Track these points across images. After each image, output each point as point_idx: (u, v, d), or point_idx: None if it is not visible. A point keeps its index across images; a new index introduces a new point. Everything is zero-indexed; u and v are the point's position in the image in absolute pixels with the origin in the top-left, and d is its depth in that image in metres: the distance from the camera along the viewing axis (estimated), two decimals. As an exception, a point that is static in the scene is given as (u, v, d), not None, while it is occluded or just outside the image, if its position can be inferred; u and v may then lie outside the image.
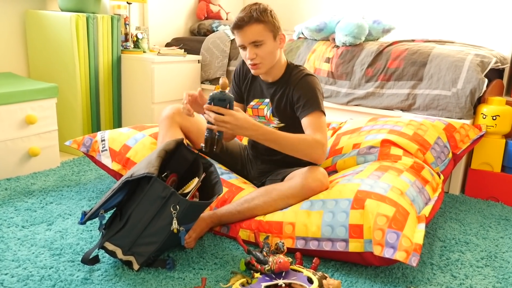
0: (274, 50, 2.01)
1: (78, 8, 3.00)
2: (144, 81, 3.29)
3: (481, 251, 2.01)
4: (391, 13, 4.15)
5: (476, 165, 2.66)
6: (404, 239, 1.64)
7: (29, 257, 1.74)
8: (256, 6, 1.96)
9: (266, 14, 1.96)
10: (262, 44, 1.96)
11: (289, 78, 2.07)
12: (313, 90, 2.01)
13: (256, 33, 1.94)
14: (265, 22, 1.95)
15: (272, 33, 1.98)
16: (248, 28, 1.94)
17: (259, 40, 1.95)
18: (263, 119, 2.16)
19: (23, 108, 2.57)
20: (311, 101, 1.99)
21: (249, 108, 2.21)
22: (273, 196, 1.93)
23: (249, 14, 1.93)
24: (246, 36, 1.96)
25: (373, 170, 2.04)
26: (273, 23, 1.98)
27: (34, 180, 2.55)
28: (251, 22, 1.94)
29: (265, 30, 1.96)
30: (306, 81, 2.03)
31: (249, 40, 1.96)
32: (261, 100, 2.17)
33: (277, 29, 1.99)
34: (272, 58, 2.02)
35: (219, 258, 1.81)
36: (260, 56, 1.98)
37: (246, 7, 1.97)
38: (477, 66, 2.64)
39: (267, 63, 2.02)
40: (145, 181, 1.69)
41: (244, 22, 1.94)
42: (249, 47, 1.97)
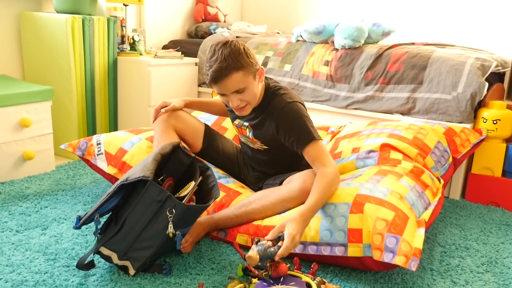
0: (256, 88, 1.94)
1: (74, 10, 3.01)
2: (140, 84, 3.29)
3: (481, 256, 2.01)
4: (391, 15, 4.17)
5: (476, 169, 2.67)
6: (404, 244, 1.65)
7: (23, 262, 1.75)
8: (229, 50, 1.82)
9: (242, 57, 1.83)
10: (245, 90, 1.88)
11: (269, 106, 2.00)
12: (300, 121, 1.93)
13: (236, 82, 1.85)
14: (243, 67, 1.84)
15: (252, 75, 1.89)
16: (228, 80, 1.83)
17: (241, 88, 1.87)
18: (248, 139, 2.16)
19: (17, 111, 2.58)
20: (303, 133, 1.92)
21: (234, 125, 2.21)
22: (271, 200, 1.94)
23: (224, 64, 1.81)
24: (226, 87, 1.86)
25: (373, 174, 2.05)
26: (251, 63, 1.86)
27: (28, 184, 2.55)
28: (229, 73, 1.82)
29: (245, 76, 1.86)
30: (290, 112, 1.95)
31: (230, 90, 1.87)
32: (241, 121, 2.13)
33: (255, 68, 1.89)
34: (256, 96, 1.95)
35: (216, 263, 1.82)
36: (244, 101, 1.92)
37: (217, 52, 1.83)
38: (477, 70, 2.65)
39: (253, 103, 1.96)
40: (141, 184, 1.70)
41: (221, 75, 1.82)
42: (232, 95, 1.90)
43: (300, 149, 1.93)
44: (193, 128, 2.28)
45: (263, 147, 2.12)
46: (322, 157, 1.89)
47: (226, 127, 2.73)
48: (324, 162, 1.87)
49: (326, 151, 1.92)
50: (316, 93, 3.13)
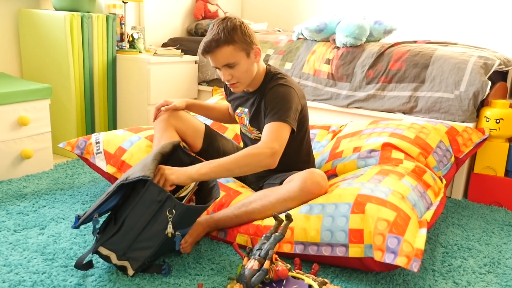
0: (250, 67, 1.98)
1: (73, 7, 3.00)
2: (140, 82, 3.29)
3: (484, 257, 2.01)
4: (393, 13, 4.16)
5: (479, 169, 2.67)
6: (405, 244, 1.65)
7: (21, 262, 1.75)
8: (224, 25, 1.90)
9: (236, 33, 1.91)
10: (236, 65, 1.94)
11: (265, 88, 2.06)
12: (281, 100, 1.95)
13: (227, 55, 1.91)
14: (235, 42, 1.91)
15: (245, 51, 1.94)
16: (218, 52, 1.91)
17: (231, 62, 1.93)
18: (246, 128, 2.19)
19: (15, 109, 2.57)
20: (280, 111, 1.93)
21: (236, 115, 2.25)
22: (271, 200, 1.94)
23: (216, 37, 1.88)
24: (217, 59, 1.93)
25: (374, 174, 2.05)
26: (244, 40, 1.93)
27: (26, 183, 2.55)
28: (219, 45, 1.89)
29: (236, 51, 1.92)
30: (276, 90, 1.99)
31: (221, 63, 1.94)
32: (242, 109, 2.18)
33: (249, 45, 1.95)
34: (249, 75, 2.00)
35: (216, 264, 1.82)
36: (235, 77, 1.98)
37: (214, 26, 1.92)
38: (480, 68, 2.65)
39: (244, 81, 2.01)
40: (141, 184, 1.70)
41: (212, 46, 1.90)
42: (223, 69, 1.96)
43: (267, 121, 1.93)
44: (193, 128, 2.28)
45: (258, 135, 2.14)
46: (273, 137, 1.87)
47: (226, 127, 2.73)
48: (268, 140, 1.86)
49: (283, 137, 1.90)
50: (317, 92, 3.13)
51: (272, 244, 1.63)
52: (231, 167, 1.83)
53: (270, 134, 1.89)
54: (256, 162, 1.84)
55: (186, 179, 1.78)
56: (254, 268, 1.58)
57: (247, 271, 1.58)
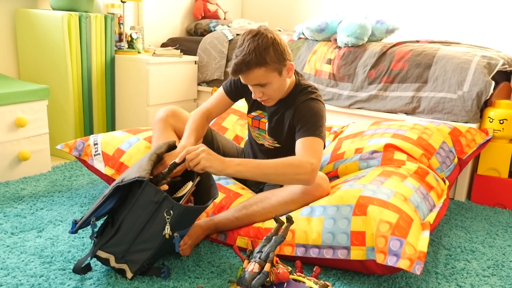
0: (282, 83, 1.94)
1: (70, 6, 3.01)
2: (138, 82, 3.30)
3: (487, 259, 2.01)
4: (395, 13, 4.17)
5: (482, 170, 2.67)
6: (408, 247, 1.65)
7: (18, 265, 1.75)
8: (255, 44, 1.80)
9: (268, 53, 1.82)
10: (267, 84, 1.89)
11: (293, 100, 2.02)
12: (314, 115, 1.93)
13: (258, 77, 1.85)
14: (267, 64, 1.82)
15: (277, 71, 1.87)
16: (249, 74, 1.84)
17: (262, 83, 1.88)
18: (263, 133, 2.16)
19: (12, 111, 2.58)
20: (311, 126, 1.90)
21: (250, 117, 2.20)
22: (272, 202, 1.94)
23: (247, 58, 1.80)
24: (248, 80, 1.88)
25: (376, 175, 2.05)
26: (277, 60, 1.85)
27: (24, 185, 2.56)
28: (250, 68, 1.82)
29: (268, 72, 1.85)
30: (309, 105, 1.96)
31: (252, 83, 1.90)
32: (264, 113, 2.13)
33: (282, 63, 1.87)
34: (281, 91, 1.96)
35: (216, 267, 1.82)
36: (266, 94, 1.94)
37: (244, 42, 1.83)
38: (483, 68, 2.65)
39: (276, 97, 1.98)
40: (137, 185, 1.70)
41: (242, 69, 1.83)
42: (254, 87, 1.92)
43: (299, 136, 1.91)
44: None
45: (274, 145, 2.12)
46: (310, 152, 1.85)
47: (226, 127, 2.73)
48: (307, 155, 1.83)
49: (319, 152, 1.88)
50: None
51: (273, 246, 1.63)
52: (268, 172, 1.79)
53: (307, 150, 1.85)
54: (295, 174, 1.80)
55: (219, 171, 1.73)
56: (254, 271, 1.58)
57: (247, 274, 1.58)
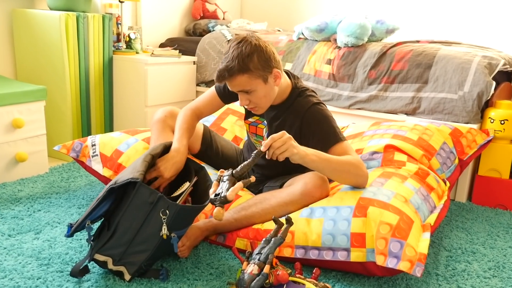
0: (268, 92, 1.92)
1: (68, 6, 3.01)
2: (137, 83, 3.30)
3: (488, 261, 2.01)
4: (395, 12, 4.17)
5: (483, 171, 2.68)
6: (408, 249, 1.65)
7: (15, 267, 1.75)
8: (239, 50, 1.82)
9: (251, 60, 1.82)
10: (252, 91, 1.89)
11: (293, 105, 2.02)
12: (326, 122, 1.96)
13: (241, 84, 1.86)
14: (249, 70, 1.83)
15: (261, 78, 1.87)
16: (232, 80, 1.86)
17: (246, 90, 1.88)
18: (261, 139, 2.16)
19: (9, 112, 2.58)
20: (329, 135, 1.93)
21: (247, 123, 2.20)
22: (271, 203, 1.94)
23: (230, 65, 1.81)
24: (232, 86, 1.89)
25: (376, 176, 2.05)
26: (261, 67, 1.85)
27: (21, 186, 2.56)
28: (233, 74, 1.83)
29: (251, 79, 1.85)
30: (316, 113, 1.97)
31: (236, 89, 1.90)
32: (261, 119, 2.13)
33: (267, 71, 1.87)
34: (268, 99, 1.95)
35: (214, 268, 1.82)
36: (253, 102, 1.93)
37: (229, 49, 1.85)
38: (484, 68, 2.65)
39: (263, 106, 1.96)
40: (131, 187, 1.70)
41: (225, 76, 1.84)
42: (240, 94, 1.92)
43: (325, 149, 1.91)
44: None
45: None
46: (348, 153, 1.90)
47: (225, 128, 2.73)
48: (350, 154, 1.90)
49: (352, 149, 1.94)
50: (318, 93, 3.12)
51: (272, 248, 1.63)
52: (336, 167, 1.84)
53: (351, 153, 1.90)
54: (356, 175, 1.88)
55: (301, 158, 1.74)
56: (253, 272, 1.58)
57: (246, 275, 1.59)
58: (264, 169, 2.24)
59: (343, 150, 1.90)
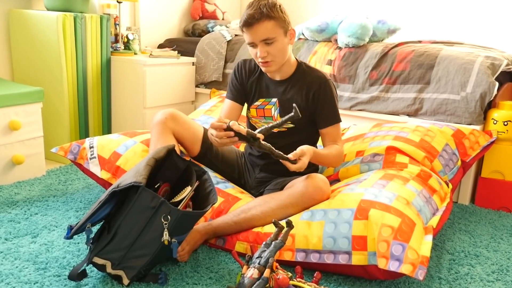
0: (285, 46, 2.07)
1: (65, 7, 3.01)
2: (135, 84, 3.30)
3: (492, 264, 2.01)
4: (397, 12, 4.18)
5: (486, 173, 2.68)
6: (410, 252, 1.65)
7: (12, 272, 1.75)
8: (265, 1, 2.00)
9: (276, 10, 2.00)
10: (274, 42, 2.02)
11: (303, 77, 2.15)
12: (334, 100, 2.14)
13: (267, 30, 1.99)
14: (276, 18, 2.00)
15: (283, 29, 2.03)
16: (259, 26, 1.99)
17: (270, 38, 2.01)
18: (270, 120, 2.19)
19: (6, 113, 2.58)
20: (333, 112, 2.14)
21: (253, 108, 2.24)
22: (271, 206, 1.94)
23: (259, 11, 1.97)
24: (256, 33, 2.01)
25: (378, 178, 2.05)
26: (284, 18, 2.03)
27: (18, 189, 2.56)
28: (261, 19, 1.98)
29: (276, 27, 2.01)
30: (329, 88, 2.13)
31: (260, 38, 2.01)
32: (268, 99, 2.21)
33: (287, 24, 2.05)
34: (284, 54, 2.08)
35: (214, 272, 1.82)
36: (271, 54, 2.04)
37: (254, 3, 2.01)
38: (487, 69, 2.66)
39: (279, 60, 2.08)
40: (133, 191, 1.70)
41: (254, 19, 1.98)
42: (260, 44, 2.02)
43: (324, 124, 2.14)
44: (191, 132, 2.28)
45: (288, 126, 2.17)
46: (337, 138, 2.16)
47: (224, 130, 2.73)
48: (338, 141, 2.16)
49: (340, 133, 2.19)
50: (318, 94, 3.13)
51: (272, 252, 1.63)
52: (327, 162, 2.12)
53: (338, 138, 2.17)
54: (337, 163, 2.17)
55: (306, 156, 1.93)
56: (253, 276, 1.58)
57: (246, 279, 1.59)
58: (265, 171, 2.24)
59: (335, 132, 2.15)
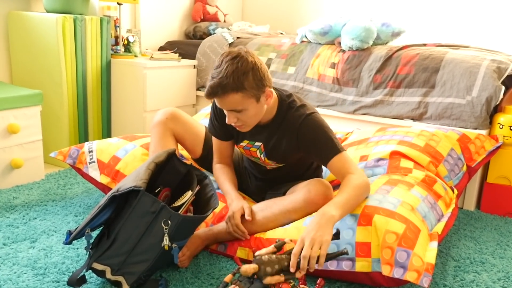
0: (259, 110, 1.89)
1: (65, 9, 3.02)
2: (135, 87, 3.31)
3: (498, 271, 2.01)
4: (401, 15, 4.18)
5: (492, 178, 2.67)
6: (415, 258, 1.65)
7: (10, 277, 1.75)
8: (234, 67, 1.76)
9: (246, 79, 1.78)
10: (243, 110, 1.84)
11: (285, 121, 1.98)
12: (323, 133, 1.93)
13: (233, 103, 1.81)
14: (244, 89, 1.78)
15: (255, 97, 1.83)
16: (224, 98, 1.80)
17: (238, 109, 1.84)
18: (258, 160, 2.13)
19: (5, 117, 2.58)
20: (327, 147, 1.91)
21: (240, 148, 2.15)
22: (273, 211, 1.94)
23: (224, 82, 1.76)
24: (222, 104, 1.84)
25: (382, 184, 2.05)
26: (256, 86, 1.81)
27: (16, 193, 2.56)
28: (226, 92, 1.77)
29: (245, 98, 1.80)
30: (311, 125, 1.94)
31: (227, 108, 1.85)
32: (251, 142, 2.08)
33: (260, 90, 1.83)
34: (257, 117, 1.92)
35: (215, 279, 1.82)
36: (241, 120, 1.89)
37: (222, 63, 1.79)
38: (493, 73, 2.66)
39: (251, 123, 1.93)
40: (133, 195, 1.70)
41: (217, 92, 1.78)
42: (228, 112, 1.87)
43: (325, 163, 1.93)
44: (193, 133, 2.28)
45: (278, 165, 2.11)
46: (347, 167, 1.89)
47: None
48: (350, 171, 1.87)
49: (351, 161, 1.93)
50: (321, 98, 3.14)
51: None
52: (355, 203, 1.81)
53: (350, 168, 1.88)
54: (366, 191, 1.89)
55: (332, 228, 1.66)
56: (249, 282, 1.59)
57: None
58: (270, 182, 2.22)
59: (342, 163, 1.89)
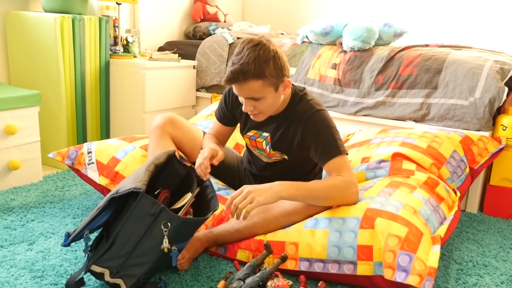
0: (276, 99, 1.92)
1: (63, 8, 3.02)
2: (134, 88, 3.31)
3: (501, 274, 2.01)
4: (403, 15, 4.18)
5: (495, 181, 2.67)
6: (418, 262, 1.65)
7: (8, 280, 1.75)
8: (256, 54, 1.79)
9: (268, 66, 1.81)
10: (261, 99, 1.87)
11: (293, 112, 2.00)
12: (328, 132, 1.94)
13: (253, 90, 1.83)
14: (265, 77, 1.81)
15: (274, 86, 1.86)
16: (244, 84, 1.82)
17: (256, 97, 1.86)
18: (263, 152, 2.14)
19: (2, 117, 2.58)
20: (330, 146, 1.92)
21: (246, 137, 2.18)
22: (274, 213, 1.94)
23: (245, 68, 1.78)
24: (242, 91, 1.86)
25: (384, 186, 2.05)
26: (276, 74, 1.84)
27: (14, 195, 2.56)
28: (247, 78, 1.80)
29: (265, 86, 1.83)
30: (318, 121, 1.95)
31: (245, 95, 1.87)
32: (259, 132, 2.10)
33: (280, 79, 1.86)
34: (274, 107, 1.95)
35: (215, 281, 1.82)
36: (258, 108, 1.91)
37: (244, 50, 1.81)
38: (496, 74, 2.66)
39: (268, 112, 1.96)
40: (132, 197, 1.70)
41: (238, 77, 1.81)
42: (246, 100, 1.89)
43: (323, 161, 1.94)
44: (191, 136, 2.28)
45: (282, 157, 2.11)
46: (340, 170, 1.90)
47: (226, 135, 2.73)
48: (341, 173, 1.89)
49: (349, 166, 1.93)
50: (322, 99, 3.14)
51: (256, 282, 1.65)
52: (319, 195, 1.87)
53: (343, 170, 1.89)
54: (343, 198, 1.89)
55: (275, 199, 1.78)
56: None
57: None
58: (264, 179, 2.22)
59: (339, 165, 1.90)
